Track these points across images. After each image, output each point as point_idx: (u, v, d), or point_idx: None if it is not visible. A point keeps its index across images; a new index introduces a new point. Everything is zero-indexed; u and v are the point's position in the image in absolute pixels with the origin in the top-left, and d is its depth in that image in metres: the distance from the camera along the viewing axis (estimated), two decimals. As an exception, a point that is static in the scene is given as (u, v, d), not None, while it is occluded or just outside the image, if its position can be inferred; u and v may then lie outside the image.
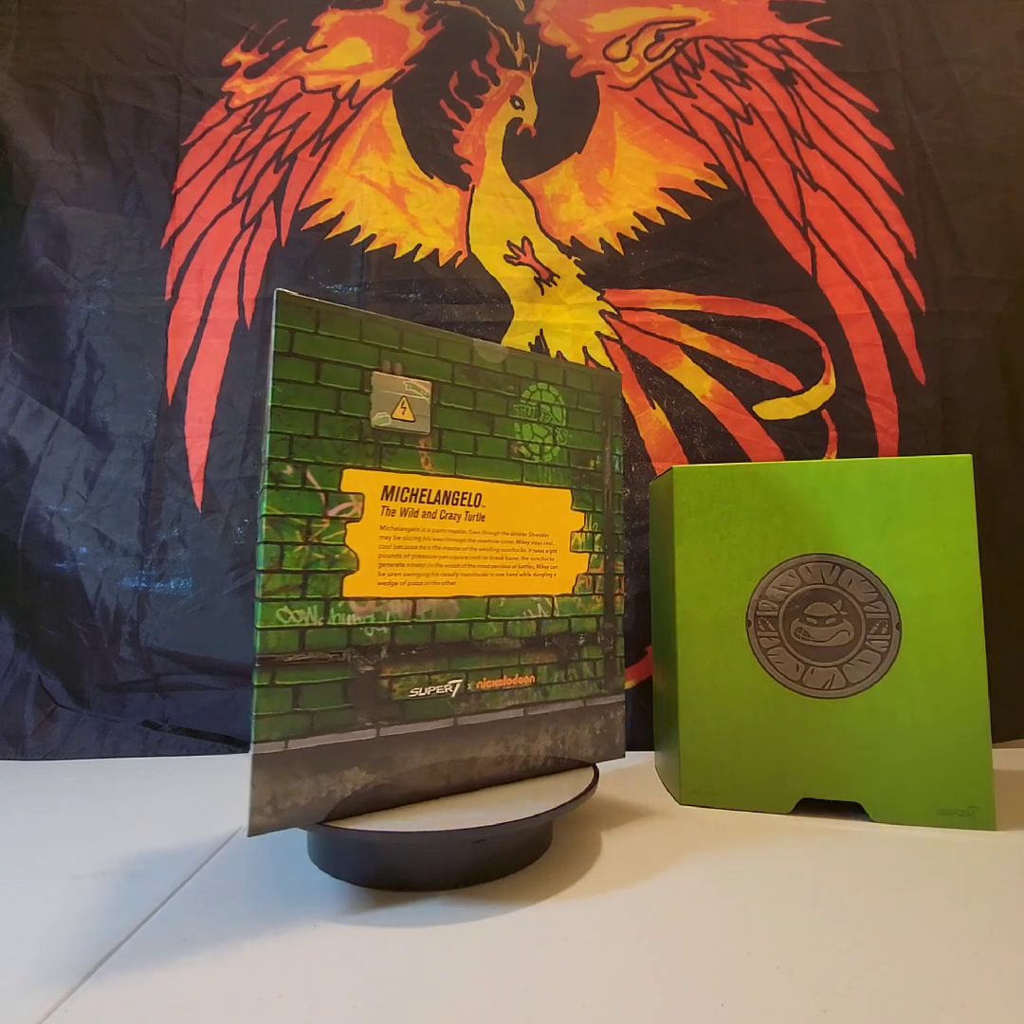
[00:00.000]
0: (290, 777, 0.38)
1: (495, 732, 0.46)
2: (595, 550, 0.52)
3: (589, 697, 0.51)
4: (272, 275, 0.81)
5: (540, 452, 0.50)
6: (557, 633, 0.50)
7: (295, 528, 0.39)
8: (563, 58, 0.84)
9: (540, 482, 0.50)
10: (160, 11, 0.85)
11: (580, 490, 0.52)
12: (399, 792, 0.42)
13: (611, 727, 0.52)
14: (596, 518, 0.52)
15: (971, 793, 0.50)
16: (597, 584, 0.52)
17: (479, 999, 0.31)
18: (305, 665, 0.39)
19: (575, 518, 0.51)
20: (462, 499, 0.46)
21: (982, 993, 0.31)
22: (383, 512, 0.43)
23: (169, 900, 0.40)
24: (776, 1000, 0.31)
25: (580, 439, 0.52)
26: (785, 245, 0.80)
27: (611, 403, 0.54)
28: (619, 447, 0.55)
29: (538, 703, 0.48)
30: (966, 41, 0.82)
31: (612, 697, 0.53)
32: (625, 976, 0.33)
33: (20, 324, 0.81)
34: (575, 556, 0.51)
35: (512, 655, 0.48)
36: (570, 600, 0.51)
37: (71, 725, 0.72)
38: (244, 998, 0.31)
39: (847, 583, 0.53)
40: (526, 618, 0.48)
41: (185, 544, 0.77)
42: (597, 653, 0.52)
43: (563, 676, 0.50)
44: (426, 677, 0.43)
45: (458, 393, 0.46)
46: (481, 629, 0.46)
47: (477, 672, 0.46)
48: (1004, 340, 0.77)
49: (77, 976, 0.33)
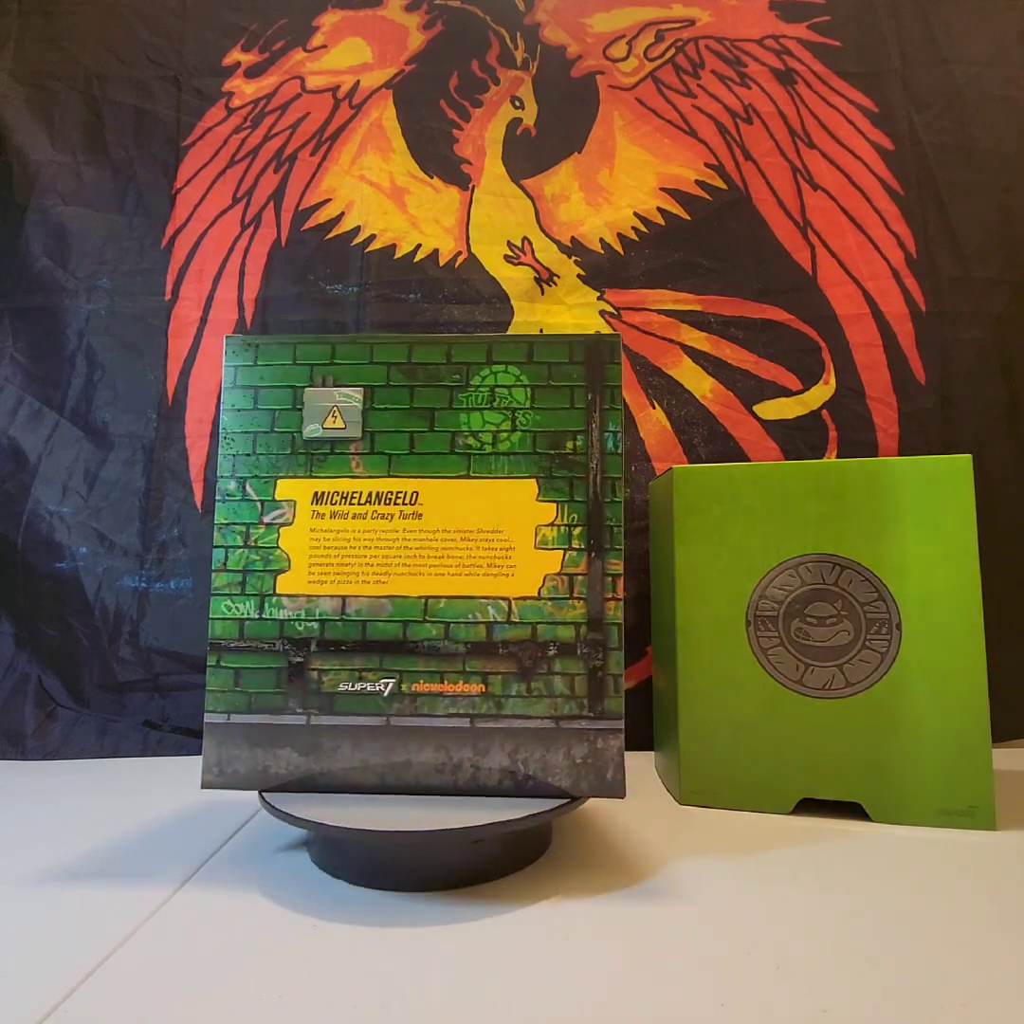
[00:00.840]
0: (231, 746, 0.44)
1: (434, 738, 0.44)
2: (573, 546, 0.45)
3: (564, 718, 0.44)
4: (272, 275, 0.81)
5: (493, 441, 0.46)
6: (516, 640, 0.44)
7: (237, 533, 0.46)
8: (563, 58, 0.84)
9: (493, 473, 0.46)
10: (160, 11, 0.85)
11: (550, 477, 0.45)
12: (332, 780, 0.44)
13: (599, 758, 0.43)
14: (575, 509, 0.45)
15: (971, 793, 0.50)
16: (576, 586, 0.44)
17: (479, 999, 0.31)
18: (243, 651, 0.45)
19: (542, 510, 0.45)
20: (396, 499, 0.46)
21: (982, 993, 0.31)
22: (313, 516, 0.46)
23: (169, 900, 0.40)
24: (776, 1000, 0.31)
25: (551, 419, 0.46)
26: (785, 245, 0.80)
27: (600, 371, 0.46)
28: (614, 422, 0.46)
29: (488, 715, 0.44)
30: (966, 41, 0.82)
31: (601, 722, 0.43)
32: (625, 976, 0.33)
33: (20, 324, 0.81)
34: (542, 553, 0.45)
35: (455, 660, 0.44)
36: (535, 604, 0.44)
37: (71, 725, 0.72)
38: (244, 998, 0.31)
39: (847, 583, 0.53)
40: (472, 621, 0.44)
41: (185, 544, 0.77)
42: (576, 667, 0.44)
43: (524, 689, 0.44)
44: (356, 673, 0.45)
45: (393, 393, 0.47)
46: (417, 630, 0.45)
47: (413, 674, 0.44)
48: (1004, 340, 0.77)
49: (77, 976, 0.33)
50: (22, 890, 0.42)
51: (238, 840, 0.49)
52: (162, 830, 0.51)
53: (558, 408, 0.46)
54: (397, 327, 0.79)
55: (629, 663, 0.74)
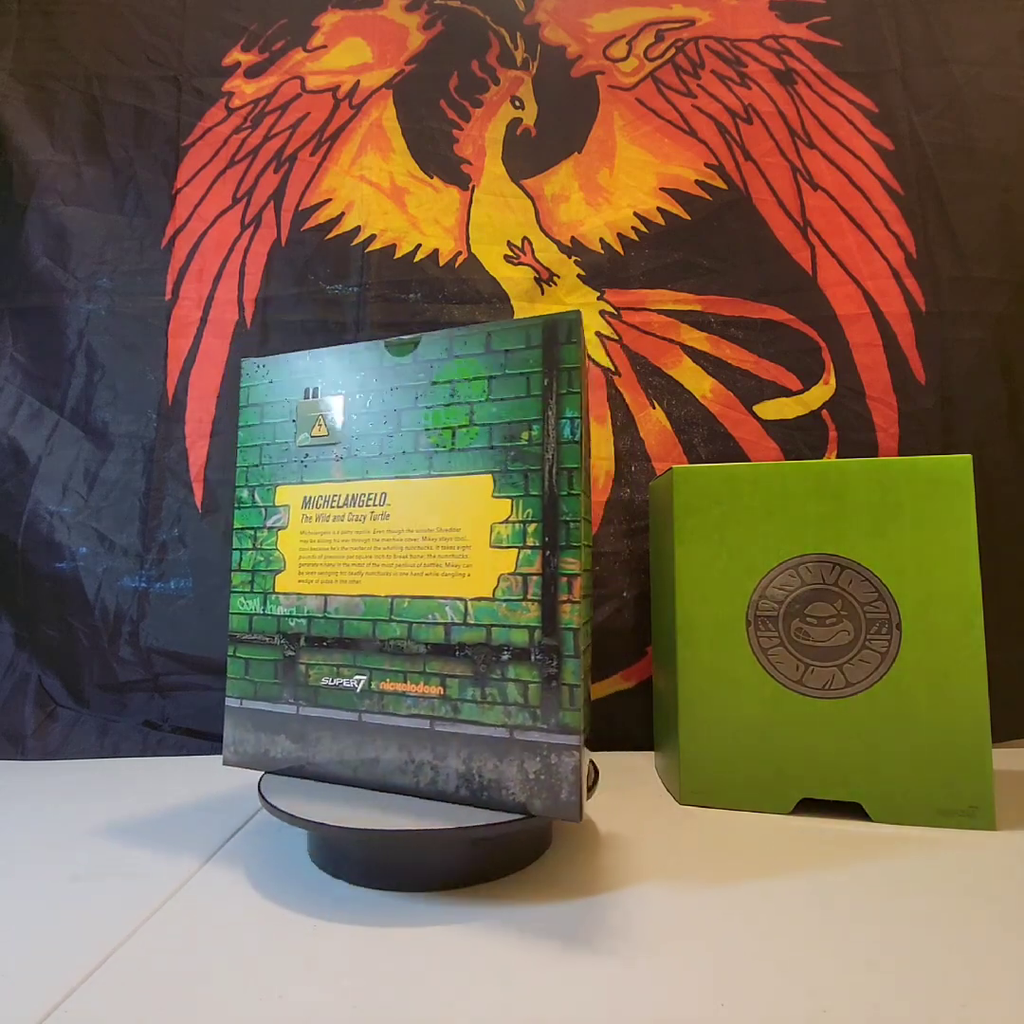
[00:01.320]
0: (243, 728, 0.50)
1: (397, 738, 0.44)
2: (527, 544, 0.42)
3: (518, 728, 0.41)
4: (272, 275, 0.81)
5: (453, 437, 0.45)
6: (471, 643, 0.43)
7: (248, 537, 0.51)
8: (563, 58, 0.84)
9: (452, 471, 0.45)
10: (160, 11, 0.85)
11: (506, 472, 0.43)
12: (316, 770, 0.47)
13: (553, 775, 0.40)
14: (529, 504, 0.42)
15: (971, 793, 0.50)
16: (529, 587, 0.41)
17: (479, 999, 0.31)
18: (251, 643, 0.50)
19: (497, 507, 0.43)
20: (367, 500, 0.47)
21: (982, 993, 0.31)
22: (303, 520, 0.49)
23: (169, 900, 0.40)
24: (776, 1000, 0.31)
25: (507, 410, 0.44)
26: (785, 245, 0.80)
27: (557, 353, 0.43)
28: (572, 408, 0.42)
29: (446, 719, 0.43)
30: (966, 41, 0.82)
31: (556, 736, 0.40)
32: (624, 976, 0.33)
33: (20, 324, 0.81)
34: (497, 552, 0.43)
35: (417, 660, 0.44)
36: (489, 605, 0.42)
37: (71, 725, 0.72)
38: (244, 998, 0.31)
39: (847, 583, 0.53)
40: (432, 622, 0.44)
41: (185, 544, 0.77)
42: (529, 674, 0.41)
43: (479, 694, 0.42)
44: (334, 668, 0.47)
45: (369, 398, 0.48)
46: (384, 629, 0.45)
47: (381, 672, 0.45)
48: (1004, 340, 0.77)
49: (77, 976, 0.33)
50: (22, 890, 0.42)
51: (238, 840, 0.49)
52: (162, 830, 0.51)
53: (514, 398, 0.44)
54: (397, 327, 0.79)
55: (629, 663, 0.74)
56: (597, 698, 0.73)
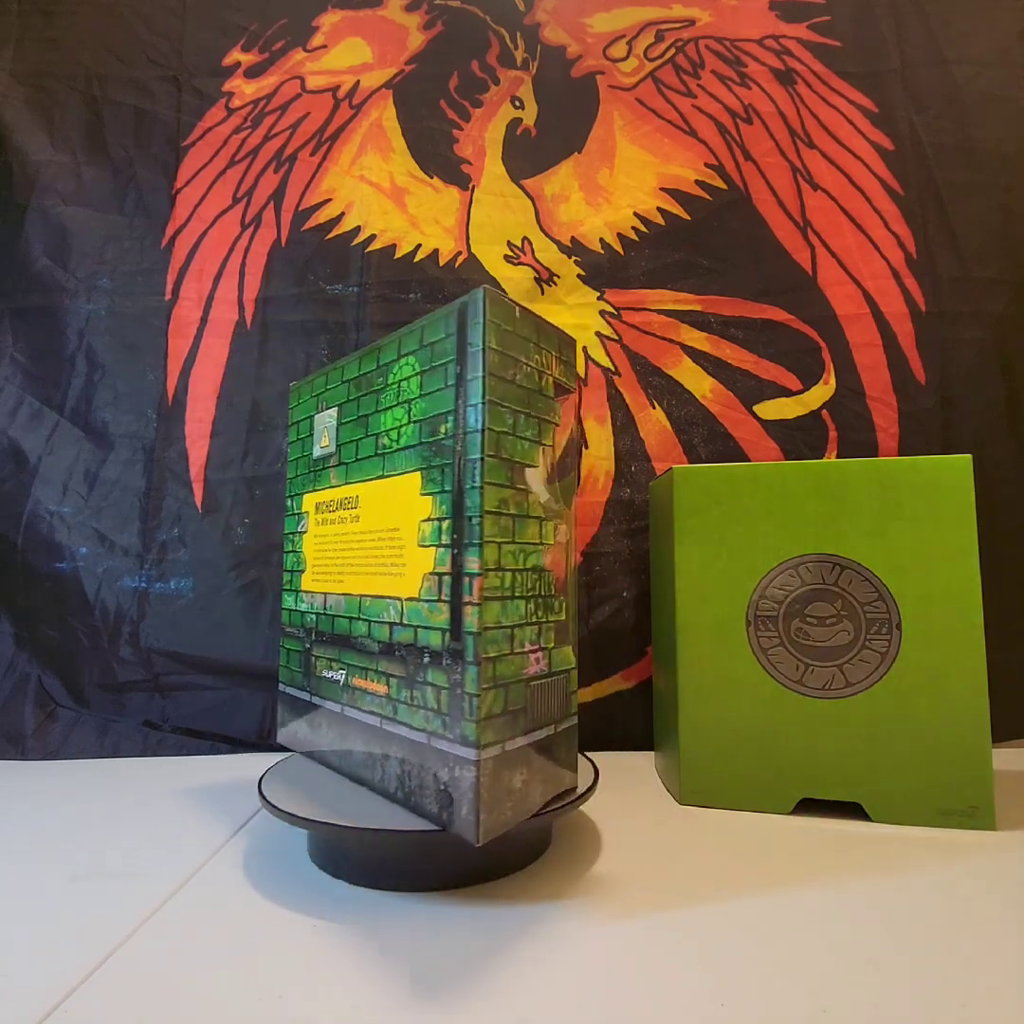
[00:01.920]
0: (284, 710, 0.55)
1: (362, 733, 0.45)
2: (442, 542, 0.40)
3: (433, 735, 0.39)
4: (272, 275, 0.81)
5: (398, 437, 0.44)
6: (405, 643, 0.42)
7: (289, 541, 0.56)
8: (563, 58, 0.84)
9: (395, 470, 0.44)
10: (160, 11, 0.85)
11: (430, 468, 0.41)
12: (320, 757, 0.50)
13: (455, 788, 0.37)
14: (444, 500, 0.40)
15: (971, 793, 0.50)
16: (443, 587, 0.39)
17: (478, 999, 0.31)
18: (289, 635, 0.55)
19: (424, 504, 0.41)
20: (347, 503, 0.49)
21: (982, 993, 0.31)
22: (315, 523, 0.53)
23: (169, 900, 0.40)
24: (776, 1000, 0.31)
25: (431, 404, 0.42)
26: (785, 245, 0.80)
27: (466, 336, 0.39)
28: (478, 394, 0.38)
29: (390, 718, 0.43)
30: (966, 41, 0.82)
31: (458, 748, 0.37)
32: (624, 976, 0.33)
33: (20, 324, 0.81)
34: (422, 551, 0.41)
35: (373, 658, 0.44)
36: (415, 605, 0.41)
37: (71, 725, 0.72)
38: (244, 998, 0.31)
39: (847, 583, 0.53)
40: (381, 621, 0.44)
41: (185, 544, 0.77)
42: (441, 679, 0.39)
43: (409, 696, 0.41)
44: (328, 662, 0.49)
45: (352, 407, 0.50)
46: (356, 626, 0.46)
47: (352, 668, 0.46)
48: (1004, 340, 0.77)
49: (77, 976, 0.33)
50: (22, 890, 0.42)
51: (238, 840, 0.49)
52: (162, 830, 0.51)
53: (436, 390, 0.41)
54: (397, 327, 0.78)
55: (629, 663, 0.74)
56: (597, 698, 0.73)
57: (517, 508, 0.40)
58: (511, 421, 0.40)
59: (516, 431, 0.40)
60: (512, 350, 0.40)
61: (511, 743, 0.38)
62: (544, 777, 0.41)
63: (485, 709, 0.37)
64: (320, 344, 0.79)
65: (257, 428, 0.78)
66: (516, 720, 0.39)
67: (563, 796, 0.43)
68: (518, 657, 0.39)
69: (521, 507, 0.40)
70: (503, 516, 0.39)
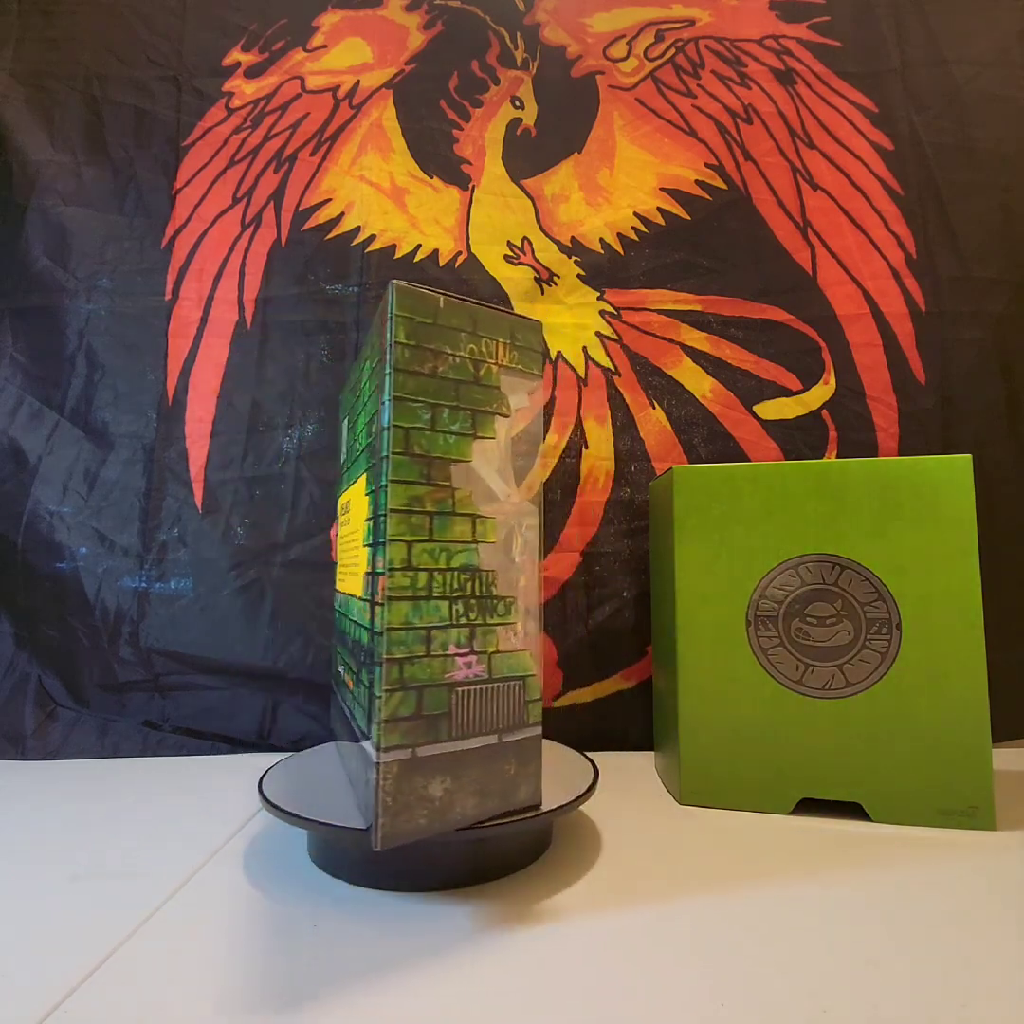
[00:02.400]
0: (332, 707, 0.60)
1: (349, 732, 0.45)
2: (369, 541, 0.39)
3: (363, 735, 0.39)
4: (272, 275, 0.81)
5: (362, 440, 0.45)
6: (358, 642, 0.42)
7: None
8: (563, 58, 0.84)
9: (359, 472, 0.45)
10: (160, 11, 0.85)
11: (370, 468, 0.41)
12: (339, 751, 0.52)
13: (368, 791, 0.36)
14: (374, 499, 0.39)
15: (971, 793, 0.50)
16: (370, 587, 0.39)
17: (478, 999, 0.31)
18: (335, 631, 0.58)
19: (366, 504, 0.41)
20: (344, 507, 0.52)
21: (982, 993, 0.31)
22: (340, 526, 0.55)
23: (169, 900, 0.40)
24: (776, 1000, 0.31)
25: (372, 404, 0.41)
26: (785, 245, 0.80)
27: (382, 331, 0.38)
28: (391, 387, 0.36)
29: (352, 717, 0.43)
30: (966, 41, 0.82)
31: (371, 750, 0.36)
32: (624, 976, 0.33)
33: (20, 324, 0.81)
34: (364, 551, 0.41)
35: (350, 656, 0.45)
36: (361, 604, 0.41)
37: (71, 725, 0.72)
38: (244, 998, 0.31)
39: (847, 583, 0.53)
40: (353, 620, 0.45)
41: (185, 544, 0.77)
42: (366, 679, 0.38)
43: (357, 694, 0.41)
44: (339, 658, 0.51)
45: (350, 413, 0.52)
46: (345, 624, 0.49)
47: (346, 665, 0.48)
48: (1004, 340, 0.77)
49: (77, 976, 0.33)
50: (22, 890, 0.42)
51: (238, 840, 0.49)
52: (162, 830, 0.51)
53: (374, 390, 0.41)
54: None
55: (629, 663, 0.74)
56: (597, 698, 0.73)
57: (437, 505, 0.38)
58: (427, 416, 0.37)
59: (436, 426, 0.38)
60: (433, 342, 0.38)
61: (426, 748, 0.36)
62: (480, 789, 0.38)
63: (388, 711, 0.35)
64: (320, 344, 0.79)
65: (257, 428, 0.78)
66: (433, 725, 0.36)
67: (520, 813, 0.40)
68: (437, 660, 0.37)
69: (444, 504, 0.38)
70: (415, 514, 0.37)
